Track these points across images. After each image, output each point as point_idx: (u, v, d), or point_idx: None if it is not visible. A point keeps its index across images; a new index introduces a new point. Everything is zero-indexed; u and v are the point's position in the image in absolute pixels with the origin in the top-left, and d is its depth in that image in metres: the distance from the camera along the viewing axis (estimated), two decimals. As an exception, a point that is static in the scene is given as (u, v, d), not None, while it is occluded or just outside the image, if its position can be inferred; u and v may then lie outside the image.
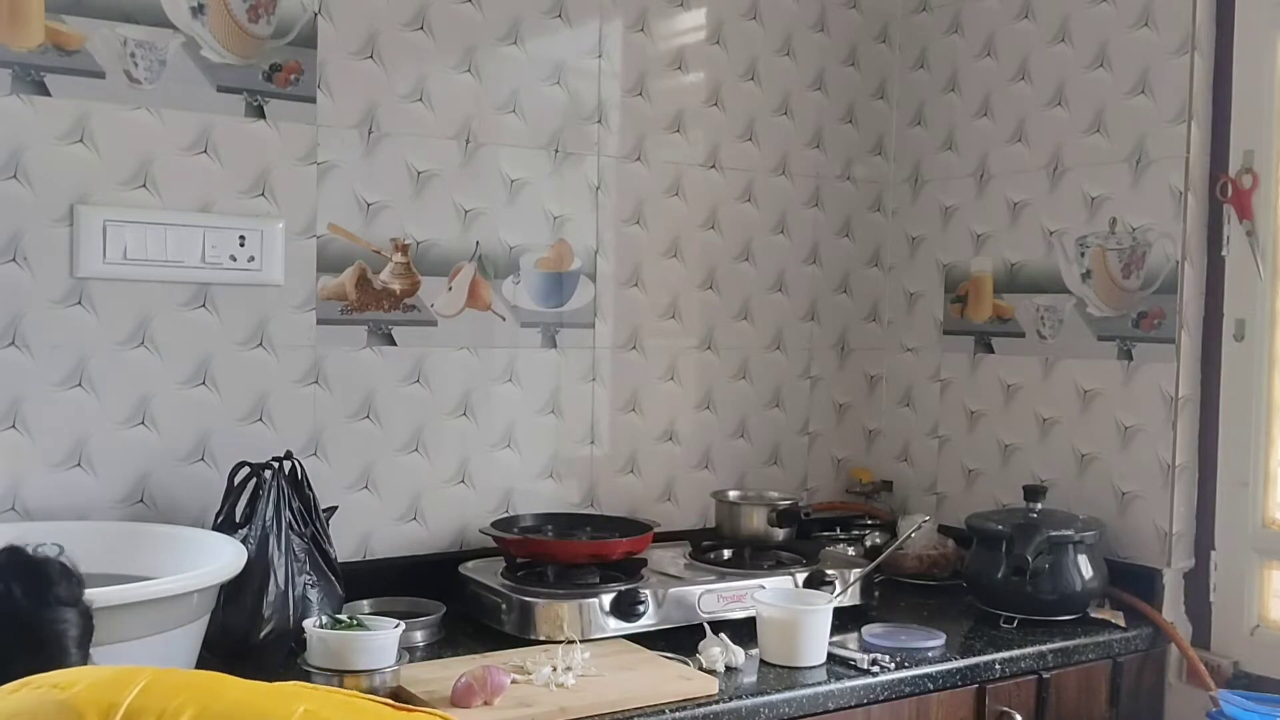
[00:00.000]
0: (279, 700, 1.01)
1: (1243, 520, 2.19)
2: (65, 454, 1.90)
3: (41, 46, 1.86)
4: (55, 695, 0.99)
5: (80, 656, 1.23)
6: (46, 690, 1.00)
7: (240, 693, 1.02)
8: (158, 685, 0.99)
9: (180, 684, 1.01)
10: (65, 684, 1.00)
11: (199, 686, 1.01)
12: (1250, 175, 2.17)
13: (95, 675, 1.03)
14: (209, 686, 1.01)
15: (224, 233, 2.00)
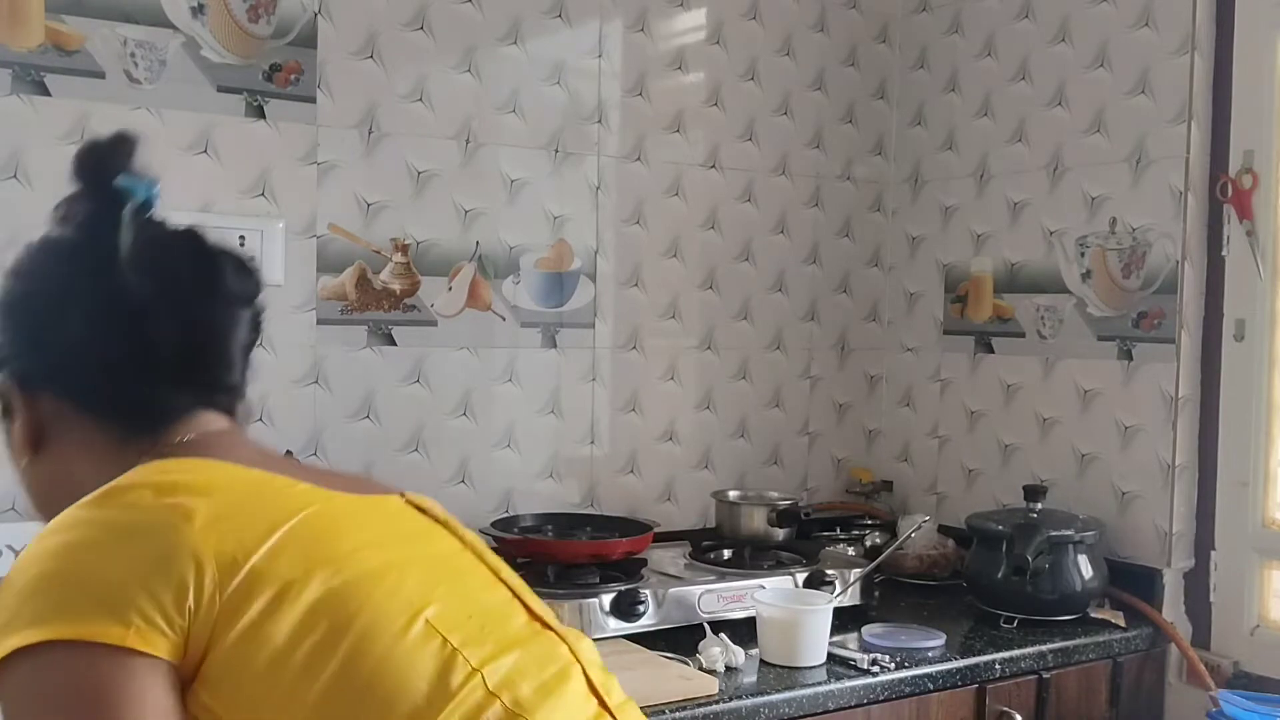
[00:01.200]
0: (411, 594, 0.93)
1: (1243, 520, 2.19)
2: (65, 454, 1.90)
3: (41, 46, 1.86)
4: (178, 524, 0.86)
5: (241, 366, 1.06)
6: (170, 510, 0.87)
7: (370, 564, 0.92)
8: (288, 551, 0.88)
9: (311, 555, 0.89)
10: (189, 510, 0.86)
11: (328, 560, 0.90)
12: (1250, 175, 2.17)
13: (223, 506, 0.89)
14: (338, 561, 0.90)
15: (224, 233, 1.98)
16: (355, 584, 0.90)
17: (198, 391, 1.02)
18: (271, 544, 0.87)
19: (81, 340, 0.98)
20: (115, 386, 0.99)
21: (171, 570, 0.83)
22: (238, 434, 1.05)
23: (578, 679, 0.99)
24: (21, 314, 1.01)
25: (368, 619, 0.89)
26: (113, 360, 0.98)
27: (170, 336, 0.99)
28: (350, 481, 1.03)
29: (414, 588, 0.94)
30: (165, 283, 1.00)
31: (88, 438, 1.00)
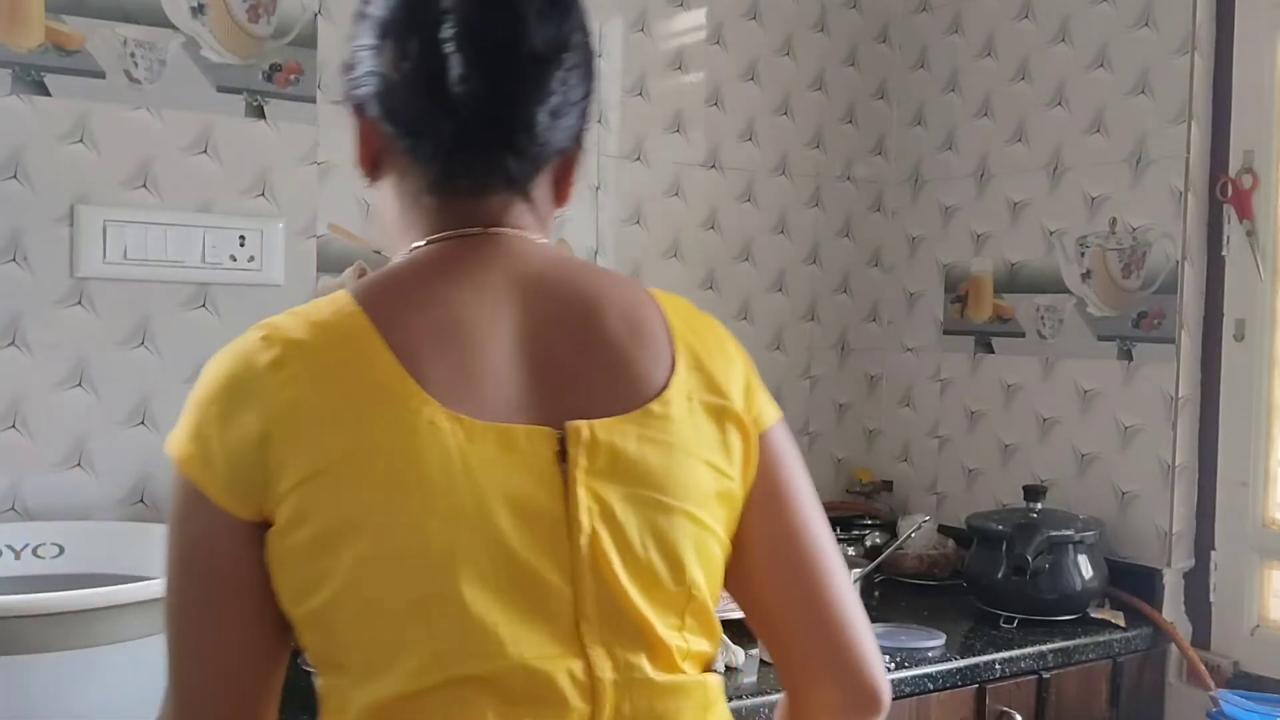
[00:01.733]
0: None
1: (1243, 520, 2.19)
2: (65, 454, 1.90)
3: (41, 46, 1.86)
4: (270, 393, 0.84)
5: (549, 128, 0.94)
6: (271, 378, 0.85)
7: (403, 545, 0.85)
8: (329, 491, 0.84)
9: (347, 512, 0.85)
10: (285, 380, 0.84)
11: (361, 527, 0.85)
12: (1250, 175, 2.17)
13: (313, 405, 0.84)
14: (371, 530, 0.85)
15: (224, 233, 2.00)
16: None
17: (490, 153, 0.93)
18: (321, 474, 0.83)
19: (390, 71, 0.91)
20: (410, 124, 0.92)
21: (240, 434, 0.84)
22: (481, 256, 0.93)
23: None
24: (362, 33, 0.95)
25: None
26: (411, 98, 0.91)
27: (464, 86, 0.89)
28: (531, 391, 0.89)
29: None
30: (464, 27, 0.88)
31: (400, 179, 0.96)
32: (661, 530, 0.87)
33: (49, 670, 1.40)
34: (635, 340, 0.92)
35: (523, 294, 0.92)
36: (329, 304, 0.88)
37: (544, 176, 0.97)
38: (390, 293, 0.90)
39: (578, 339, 0.91)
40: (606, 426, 0.87)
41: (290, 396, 0.83)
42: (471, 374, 0.87)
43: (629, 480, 0.87)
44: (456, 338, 0.88)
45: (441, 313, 0.88)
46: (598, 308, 0.93)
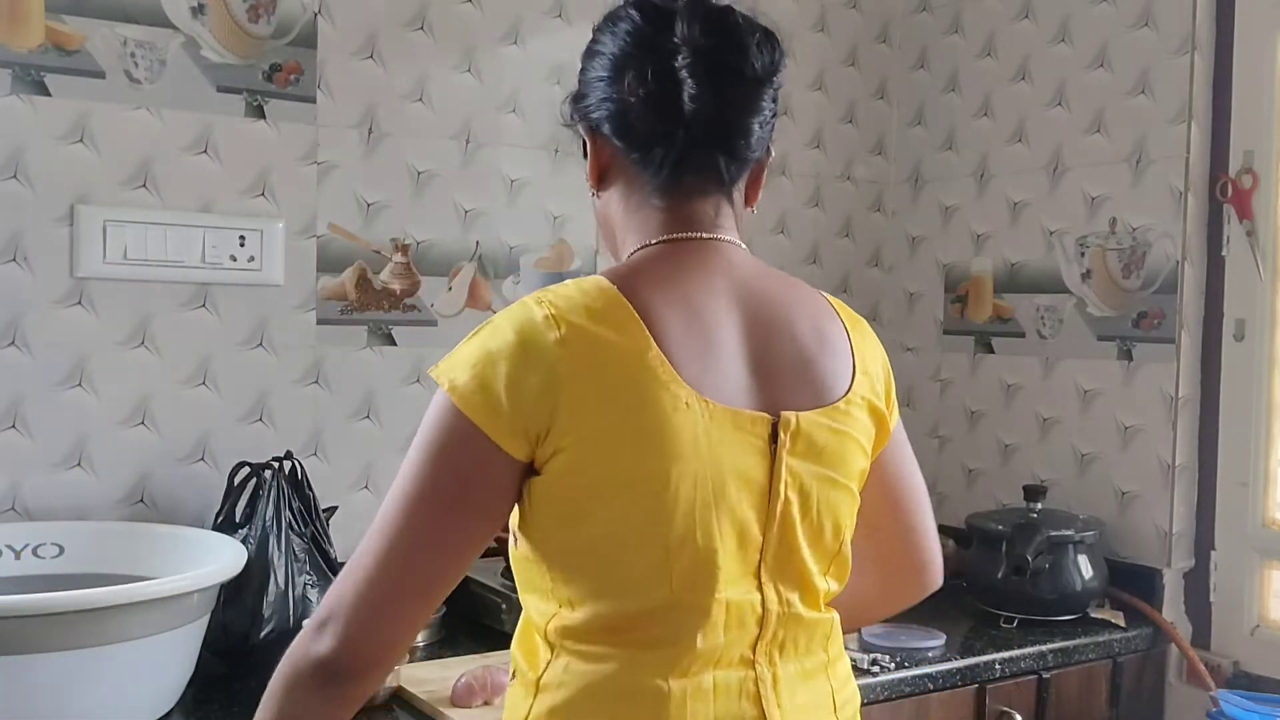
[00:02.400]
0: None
1: (1243, 520, 2.19)
2: (65, 454, 1.90)
3: (41, 46, 1.86)
4: (551, 363, 1.03)
5: (759, 137, 1.16)
6: (553, 352, 1.03)
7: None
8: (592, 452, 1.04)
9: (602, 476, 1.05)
10: (562, 355, 1.03)
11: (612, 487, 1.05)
12: (1250, 175, 2.17)
13: (587, 377, 1.03)
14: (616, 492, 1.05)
15: (224, 233, 2.00)
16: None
17: (714, 158, 1.14)
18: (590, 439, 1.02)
19: (629, 95, 1.11)
20: (645, 139, 1.12)
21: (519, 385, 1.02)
22: (708, 262, 1.14)
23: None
24: (589, 65, 1.16)
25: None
26: (647, 117, 1.11)
27: (690, 103, 1.09)
28: (762, 378, 1.10)
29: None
30: (695, 54, 1.09)
31: (627, 187, 1.17)
32: (831, 500, 1.12)
33: (49, 670, 1.41)
34: (824, 348, 1.15)
35: (742, 299, 1.12)
36: (597, 290, 1.06)
37: (743, 180, 1.20)
38: (647, 287, 1.08)
39: (784, 342, 1.12)
40: (807, 418, 1.10)
41: (575, 371, 1.01)
42: (711, 363, 1.07)
43: (816, 460, 1.10)
44: (699, 331, 1.08)
45: (687, 310, 1.08)
46: (799, 316, 1.15)
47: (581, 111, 1.18)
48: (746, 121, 1.13)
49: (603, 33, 1.16)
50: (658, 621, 1.04)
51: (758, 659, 1.08)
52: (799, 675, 1.11)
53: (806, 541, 1.10)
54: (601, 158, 1.18)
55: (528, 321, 1.03)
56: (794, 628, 1.10)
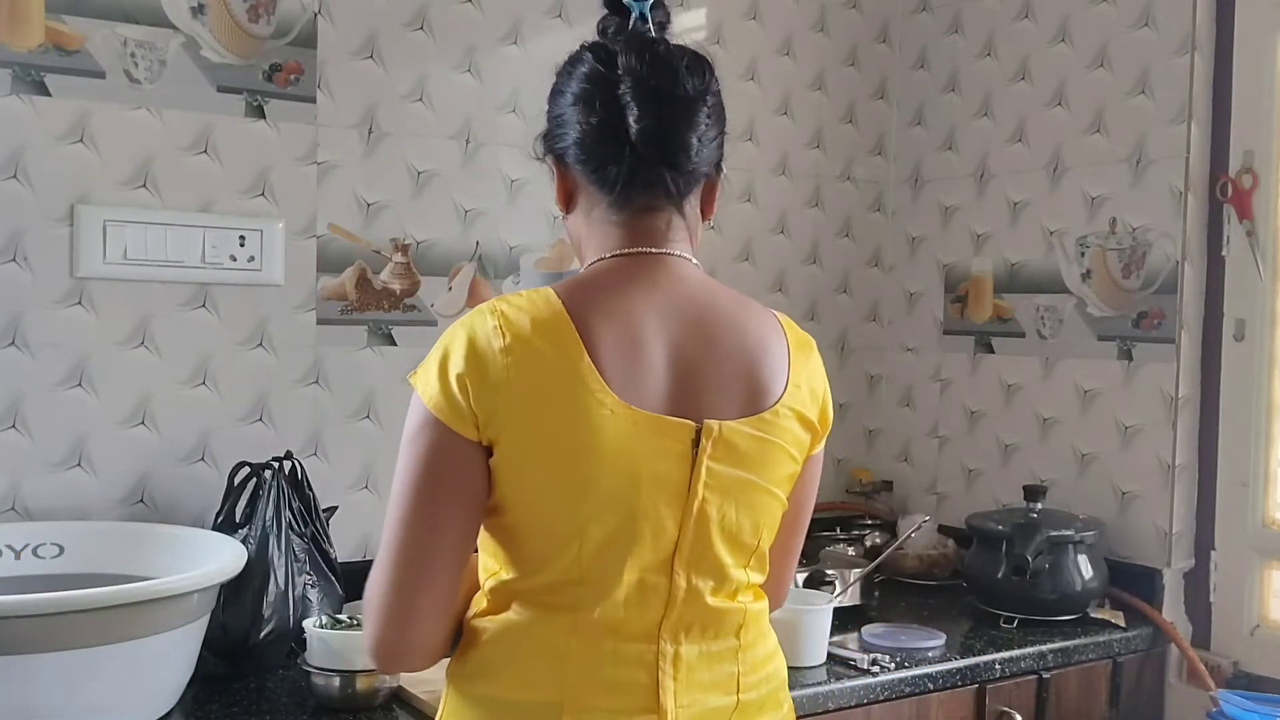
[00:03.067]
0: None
1: (1243, 520, 2.19)
2: (65, 454, 1.90)
3: (42, 46, 1.86)
4: (494, 355, 1.18)
5: (698, 150, 1.25)
6: (502, 355, 1.17)
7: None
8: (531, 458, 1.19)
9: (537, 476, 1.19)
10: (510, 360, 1.16)
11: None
12: (1250, 175, 2.17)
13: (525, 382, 1.16)
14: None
15: (224, 233, 2.00)
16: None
17: (659, 173, 1.24)
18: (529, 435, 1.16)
19: (584, 124, 1.24)
20: (600, 160, 1.24)
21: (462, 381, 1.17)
22: (653, 276, 1.26)
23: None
24: (553, 103, 1.29)
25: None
26: (600, 140, 1.24)
27: (634, 124, 1.22)
28: (689, 386, 1.22)
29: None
30: (634, 82, 1.22)
31: (588, 206, 1.29)
32: (751, 501, 1.23)
33: (49, 670, 1.41)
34: (762, 360, 1.25)
35: (681, 313, 1.23)
36: (544, 303, 1.19)
37: (694, 195, 1.29)
38: (587, 300, 1.21)
39: (719, 355, 1.23)
40: (730, 426, 1.20)
41: (513, 376, 1.15)
42: (638, 373, 1.18)
43: (737, 464, 1.21)
44: (631, 343, 1.19)
45: (623, 323, 1.20)
46: (739, 330, 1.26)
47: (548, 144, 1.30)
48: (685, 136, 1.23)
49: (563, 75, 1.29)
50: (563, 591, 1.19)
51: (662, 636, 1.21)
52: (702, 656, 1.23)
53: (722, 537, 1.22)
54: (566, 183, 1.30)
55: (479, 330, 1.17)
56: (702, 613, 1.22)
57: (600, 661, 1.19)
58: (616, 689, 1.19)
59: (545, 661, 1.19)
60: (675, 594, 1.20)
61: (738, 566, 1.24)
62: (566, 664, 1.19)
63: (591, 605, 1.18)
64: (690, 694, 1.21)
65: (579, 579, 1.18)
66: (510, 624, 1.22)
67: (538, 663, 1.20)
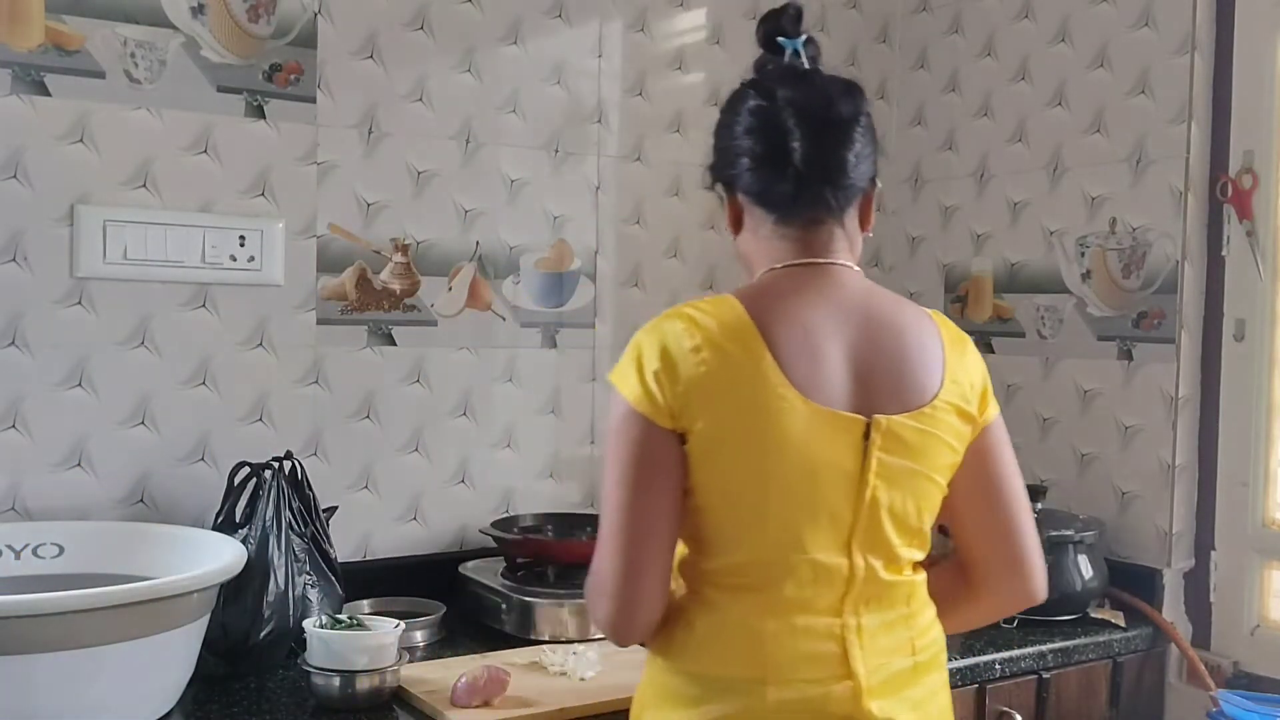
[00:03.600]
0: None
1: (1243, 520, 2.19)
2: (65, 454, 1.90)
3: (41, 46, 1.86)
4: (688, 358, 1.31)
5: (854, 166, 1.38)
6: (693, 355, 1.30)
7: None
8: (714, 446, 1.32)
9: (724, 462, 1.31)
10: (702, 359, 1.29)
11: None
12: (1250, 175, 2.17)
13: (712, 374, 1.29)
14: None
15: (224, 233, 2.00)
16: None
17: (820, 191, 1.37)
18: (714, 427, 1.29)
19: (752, 152, 1.38)
20: (767, 183, 1.38)
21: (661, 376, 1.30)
22: (821, 285, 1.38)
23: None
24: (719, 136, 1.44)
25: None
26: (767, 165, 1.38)
27: (798, 149, 1.35)
28: (861, 382, 1.34)
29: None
30: (795, 111, 1.36)
31: (755, 226, 1.41)
32: (915, 488, 1.35)
33: (49, 670, 1.41)
34: (922, 360, 1.37)
35: (849, 317, 1.35)
36: (728, 308, 1.32)
37: (853, 208, 1.40)
38: (765, 306, 1.33)
39: (883, 355, 1.35)
40: (897, 421, 1.32)
41: (704, 372, 1.28)
42: (814, 372, 1.31)
43: (903, 455, 1.33)
44: (808, 344, 1.32)
45: (800, 326, 1.33)
46: (901, 334, 1.37)
47: (718, 174, 1.45)
48: (842, 156, 1.37)
49: (728, 110, 1.43)
50: (752, 572, 1.31)
51: (845, 610, 1.32)
52: (882, 624, 1.35)
53: (891, 521, 1.33)
54: (735, 207, 1.43)
55: (671, 332, 1.31)
56: (876, 587, 1.34)
57: (795, 637, 1.30)
58: (812, 660, 1.31)
59: (745, 639, 1.31)
60: (855, 572, 1.32)
61: (904, 545, 1.35)
62: (764, 641, 1.30)
63: (780, 585, 1.30)
64: (876, 659, 1.33)
65: (766, 561, 1.31)
66: (707, 603, 1.34)
67: (738, 641, 1.31)
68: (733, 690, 1.31)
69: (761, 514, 1.30)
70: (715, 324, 1.31)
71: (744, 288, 1.39)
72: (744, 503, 1.30)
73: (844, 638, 1.32)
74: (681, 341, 1.30)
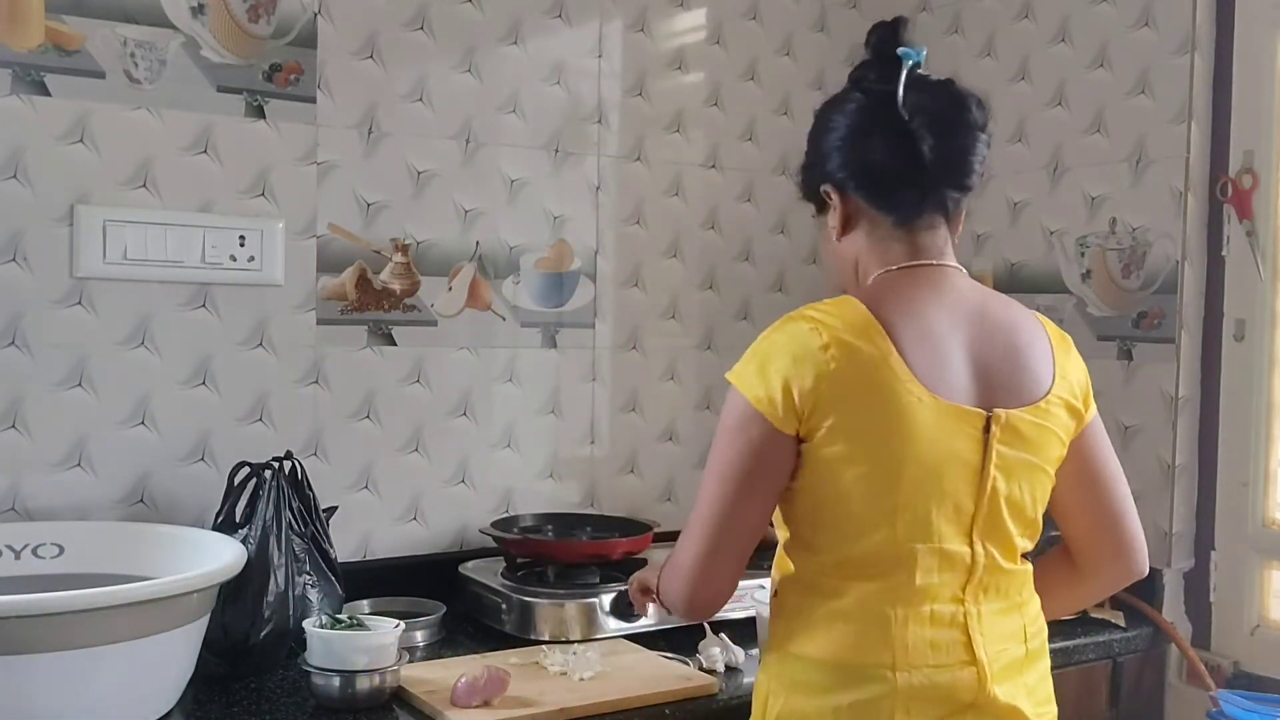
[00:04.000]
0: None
1: (1243, 520, 2.19)
2: (65, 454, 1.91)
3: (41, 46, 1.86)
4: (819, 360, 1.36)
5: (978, 171, 1.46)
6: (821, 353, 1.36)
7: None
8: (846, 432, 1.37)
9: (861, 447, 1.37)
10: (830, 356, 1.37)
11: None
12: (1250, 175, 2.17)
13: (840, 373, 1.35)
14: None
15: (224, 233, 2.00)
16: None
17: (944, 194, 1.45)
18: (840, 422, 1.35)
19: (869, 155, 1.44)
20: (891, 185, 1.44)
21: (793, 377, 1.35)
22: (938, 285, 1.45)
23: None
24: (824, 139, 1.48)
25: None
26: (889, 168, 1.44)
27: (929, 152, 1.41)
28: (983, 375, 1.41)
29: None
30: (928, 116, 1.42)
31: (870, 228, 1.46)
32: (1031, 479, 1.42)
33: (49, 670, 1.40)
34: (1035, 357, 1.45)
35: (966, 316, 1.43)
36: (851, 307, 1.38)
37: (956, 212, 1.48)
38: (886, 305, 1.39)
39: (999, 352, 1.42)
40: (1015, 414, 1.40)
41: (834, 369, 1.34)
42: (938, 368, 1.38)
43: (1021, 447, 1.40)
44: (931, 342, 1.39)
45: (921, 324, 1.39)
46: (1014, 332, 1.45)
47: (825, 175, 1.48)
48: (970, 160, 1.44)
49: (834, 112, 1.48)
50: (879, 563, 1.36)
51: (966, 597, 1.39)
52: (999, 611, 1.41)
53: (1009, 510, 1.40)
54: (847, 208, 1.48)
55: (797, 333, 1.37)
56: (995, 575, 1.41)
57: (921, 624, 1.36)
58: (938, 647, 1.36)
59: (874, 626, 1.36)
60: (976, 561, 1.38)
61: (1020, 535, 1.42)
62: (892, 628, 1.36)
63: (908, 574, 1.36)
64: (996, 645, 1.39)
65: (894, 550, 1.36)
66: (830, 592, 1.39)
67: (866, 627, 1.37)
68: (862, 676, 1.36)
69: (892, 505, 1.34)
70: (840, 323, 1.36)
71: (862, 289, 1.45)
72: (874, 495, 1.34)
73: (966, 625, 1.38)
74: (809, 341, 1.35)
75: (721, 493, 1.39)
